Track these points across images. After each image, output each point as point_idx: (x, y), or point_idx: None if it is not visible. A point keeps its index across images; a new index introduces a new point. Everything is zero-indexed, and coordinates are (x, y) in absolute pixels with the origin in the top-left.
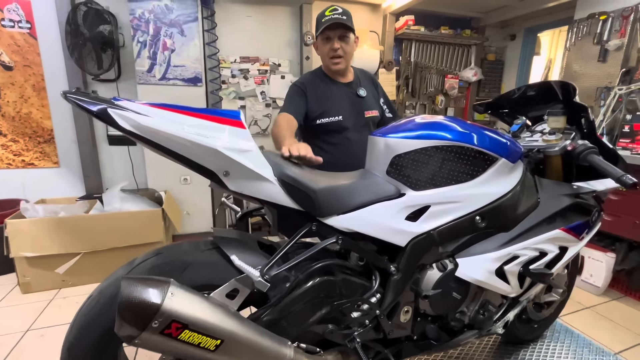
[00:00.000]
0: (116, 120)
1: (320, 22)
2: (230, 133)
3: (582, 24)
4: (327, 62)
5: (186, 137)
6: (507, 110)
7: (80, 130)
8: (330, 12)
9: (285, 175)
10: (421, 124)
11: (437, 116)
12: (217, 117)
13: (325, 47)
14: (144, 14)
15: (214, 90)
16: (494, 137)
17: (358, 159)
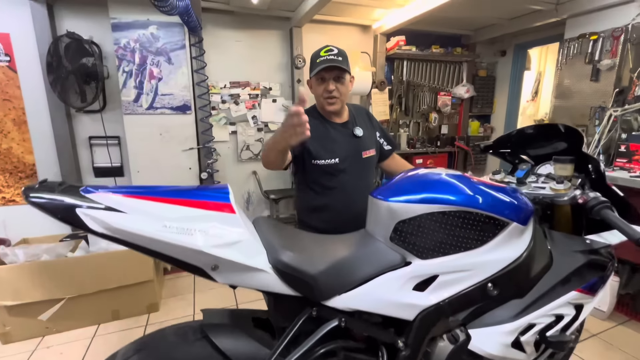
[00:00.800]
0: (86, 224)
1: (315, 62)
2: (218, 221)
3: (572, 43)
4: (322, 102)
5: (167, 240)
6: (508, 150)
7: (64, 163)
8: (326, 52)
9: (281, 263)
10: (424, 183)
11: (439, 171)
12: (203, 201)
13: (320, 87)
14: (129, 43)
15: (204, 118)
16: (504, 200)
17: (355, 202)
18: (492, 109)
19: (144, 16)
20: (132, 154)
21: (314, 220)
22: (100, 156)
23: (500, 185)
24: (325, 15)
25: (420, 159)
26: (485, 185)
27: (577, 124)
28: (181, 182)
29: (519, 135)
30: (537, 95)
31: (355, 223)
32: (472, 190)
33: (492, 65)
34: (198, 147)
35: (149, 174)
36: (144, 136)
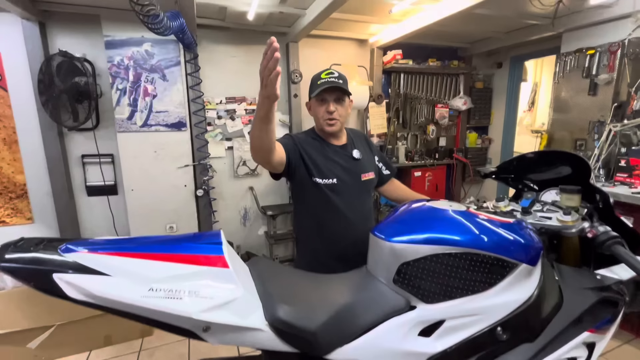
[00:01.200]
0: (64, 292)
1: (316, 84)
2: (210, 278)
3: (569, 57)
4: (322, 123)
5: (154, 308)
6: (511, 175)
7: (56, 182)
8: (327, 75)
9: (278, 320)
10: (428, 221)
11: (443, 206)
12: (193, 255)
13: (320, 108)
14: (123, 61)
15: (199, 134)
16: (512, 240)
17: (354, 226)
18: (489, 120)
19: (138, 33)
20: (126, 172)
21: (312, 241)
22: (93, 175)
23: (507, 222)
24: (322, 30)
25: (419, 172)
26: (492, 222)
27: (576, 138)
28: (176, 199)
29: (522, 160)
30: (533, 106)
31: (355, 247)
32: (478, 230)
33: (488, 77)
34: (193, 164)
35: (143, 192)
36: (138, 154)
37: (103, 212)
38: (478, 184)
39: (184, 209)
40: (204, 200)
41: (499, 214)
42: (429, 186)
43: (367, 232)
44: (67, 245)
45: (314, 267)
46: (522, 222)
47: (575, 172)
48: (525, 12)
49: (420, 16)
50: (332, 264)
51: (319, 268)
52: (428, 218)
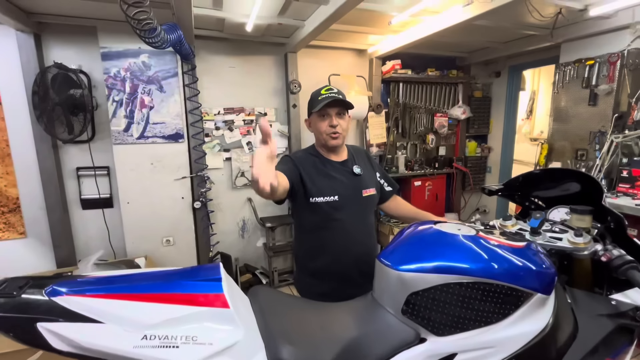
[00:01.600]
0: (49, 342)
1: (317, 99)
2: (209, 319)
3: (568, 67)
4: (325, 138)
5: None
6: (518, 193)
7: (50, 196)
8: (326, 91)
9: None
10: (437, 248)
11: (451, 230)
12: (191, 294)
13: (322, 123)
14: (120, 73)
15: (197, 145)
16: (526, 268)
17: (356, 244)
18: (488, 129)
19: (135, 45)
20: (122, 185)
21: (312, 264)
22: (89, 187)
23: (518, 247)
24: (321, 40)
25: (419, 181)
26: (503, 248)
27: (577, 148)
28: (173, 212)
29: (529, 177)
30: (531, 114)
31: (357, 266)
32: (490, 257)
33: (487, 86)
34: (191, 175)
35: (139, 205)
36: (134, 166)
37: (98, 226)
38: (478, 193)
39: (181, 221)
40: (201, 212)
41: (508, 236)
42: (429, 196)
43: (369, 249)
44: (54, 286)
45: (315, 286)
46: (534, 246)
47: (585, 191)
48: (523, 23)
49: (420, 27)
50: (334, 283)
51: (320, 286)
52: (437, 244)
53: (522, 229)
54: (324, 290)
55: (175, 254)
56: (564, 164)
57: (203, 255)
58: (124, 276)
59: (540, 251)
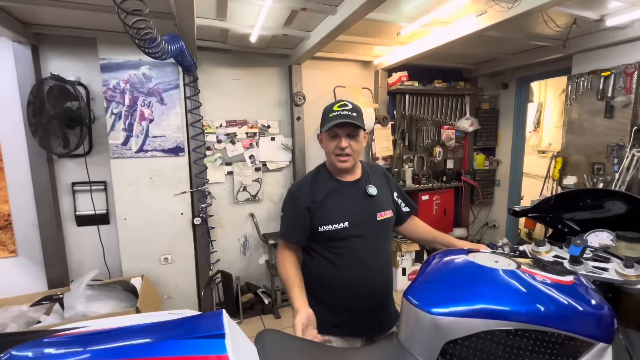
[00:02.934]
0: None
1: (328, 117)
2: None
3: (582, 79)
4: (333, 159)
5: None
6: (550, 214)
7: (43, 212)
8: (339, 107)
9: None
10: (476, 285)
11: (489, 262)
12: (189, 358)
13: (331, 144)
14: (119, 84)
15: (198, 159)
16: (585, 313)
17: (371, 274)
18: (496, 141)
19: (135, 56)
20: (119, 200)
21: (324, 295)
22: (84, 203)
23: (568, 283)
24: (326, 52)
25: (426, 195)
26: (553, 286)
27: (593, 162)
28: (172, 228)
29: (563, 198)
30: (539, 126)
31: (372, 298)
32: (539, 298)
33: (494, 98)
34: (191, 190)
35: (136, 221)
36: (132, 181)
37: (93, 244)
38: (487, 207)
39: (180, 238)
40: (201, 228)
41: (548, 267)
42: (437, 210)
43: (386, 280)
44: (13, 353)
45: (327, 317)
46: (583, 280)
47: (629, 215)
48: (535, 34)
49: (428, 38)
50: (348, 315)
51: (332, 318)
52: (475, 280)
53: (559, 257)
54: (337, 322)
55: (174, 273)
56: (579, 179)
57: (202, 274)
58: (105, 333)
59: (591, 287)
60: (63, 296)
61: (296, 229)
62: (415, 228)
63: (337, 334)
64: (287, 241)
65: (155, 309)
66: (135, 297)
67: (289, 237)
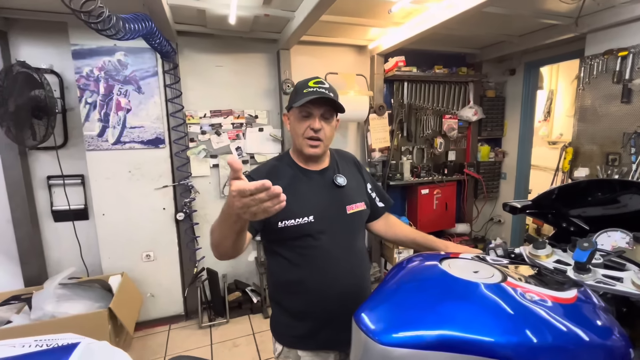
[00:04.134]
0: None
1: (301, 92)
2: None
3: (596, 60)
4: (302, 143)
5: None
6: (553, 210)
7: (17, 207)
8: (315, 84)
9: None
10: (445, 303)
11: (463, 270)
12: None
13: (302, 124)
14: (93, 72)
15: (180, 151)
16: (592, 344)
17: (340, 273)
18: (502, 131)
19: (109, 42)
20: (97, 195)
21: (288, 301)
22: (61, 198)
23: (568, 301)
24: (316, 36)
25: (426, 189)
26: (548, 307)
27: (607, 152)
28: (154, 224)
29: (568, 190)
30: (549, 115)
31: (343, 304)
32: (531, 325)
33: (500, 85)
34: (173, 184)
35: (116, 217)
36: (110, 174)
37: (73, 240)
38: (492, 201)
39: (163, 235)
40: (185, 224)
41: (544, 277)
42: (437, 205)
43: (359, 280)
44: None
45: (293, 328)
46: (591, 296)
47: None
48: (544, 11)
49: (424, 17)
50: (316, 324)
51: (299, 329)
52: (443, 297)
53: (561, 261)
54: (304, 332)
55: (156, 270)
56: (592, 170)
57: (187, 272)
58: None
59: (599, 304)
60: (32, 296)
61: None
62: (391, 228)
63: (306, 348)
64: None
65: (134, 308)
66: (113, 296)
67: None
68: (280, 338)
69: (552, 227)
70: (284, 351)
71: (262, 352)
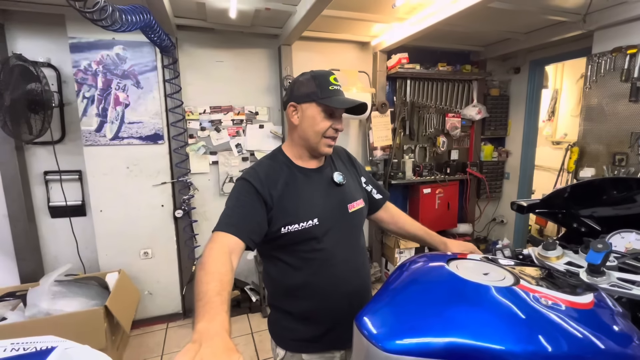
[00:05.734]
0: None
1: (326, 88)
2: None
3: (604, 58)
4: (319, 142)
5: None
6: (563, 210)
7: (13, 203)
8: (335, 80)
9: None
10: (453, 308)
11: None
12: None
13: (324, 122)
14: (91, 66)
15: (179, 148)
16: (612, 352)
17: (345, 274)
18: (506, 131)
19: (108, 35)
20: (94, 191)
21: (291, 305)
22: (58, 194)
23: (584, 306)
24: (318, 31)
25: (428, 189)
26: (563, 312)
27: (614, 152)
28: (152, 222)
29: (579, 189)
30: (554, 115)
31: (350, 304)
32: (547, 332)
33: (505, 84)
34: (172, 181)
35: (113, 214)
36: (107, 170)
37: (69, 236)
38: (495, 201)
39: (161, 232)
40: (184, 221)
41: (557, 280)
42: (439, 204)
43: (363, 279)
44: None
45: (299, 331)
46: (607, 301)
47: None
48: (551, 7)
49: (428, 12)
50: (323, 328)
51: (306, 332)
52: (451, 301)
53: (573, 263)
54: (311, 336)
55: (154, 268)
56: (598, 170)
57: (185, 270)
58: None
59: (617, 310)
60: (27, 292)
61: (243, 217)
62: (393, 218)
63: (312, 350)
64: (223, 231)
65: (131, 305)
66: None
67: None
68: (282, 343)
69: (561, 227)
70: (287, 356)
71: (260, 351)
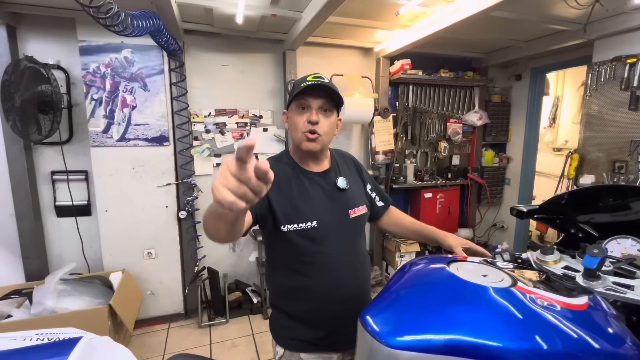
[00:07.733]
0: None
1: (299, 86)
2: None
3: (604, 67)
4: (299, 138)
5: None
6: (561, 215)
7: (20, 202)
8: (314, 77)
9: None
10: (453, 307)
11: (472, 273)
12: None
13: (299, 117)
14: (99, 69)
15: (184, 150)
16: (604, 352)
17: (344, 277)
18: (507, 137)
19: (117, 39)
20: (100, 191)
21: (291, 306)
22: (65, 193)
23: (579, 308)
24: (323, 37)
25: (429, 193)
26: (562, 314)
27: (614, 159)
28: (156, 222)
29: (578, 196)
30: (554, 122)
31: (348, 307)
32: (543, 331)
33: (506, 90)
34: (176, 182)
35: (118, 214)
36: (113, 171)
37: (75, 236)
38: (495, 207)
39: (165, 232)
40: (187, 222)
41: (553, 282)
42: (440, 209)
43: (362, 282)
44: None
45: (300, 332)
46: (602, 303)
47: None
48: (552, 16)
49: (431, 20)
50: (324, 328)
51: (307, 333)
52: (452, 300)
53: (570, 268)
54: (308, 336)
55: (157, 268)
56: (597, 178)
57: (188, 270)
58: None
59: (611, 312)
60: (33, 291)
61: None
62: (395, 220)
63: (311, 351)
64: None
65: (134, 305)
66: (114, 292)
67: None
68: (282, 342)
69: (559, 233)
70: (286, 354)
71: (261, 353)
